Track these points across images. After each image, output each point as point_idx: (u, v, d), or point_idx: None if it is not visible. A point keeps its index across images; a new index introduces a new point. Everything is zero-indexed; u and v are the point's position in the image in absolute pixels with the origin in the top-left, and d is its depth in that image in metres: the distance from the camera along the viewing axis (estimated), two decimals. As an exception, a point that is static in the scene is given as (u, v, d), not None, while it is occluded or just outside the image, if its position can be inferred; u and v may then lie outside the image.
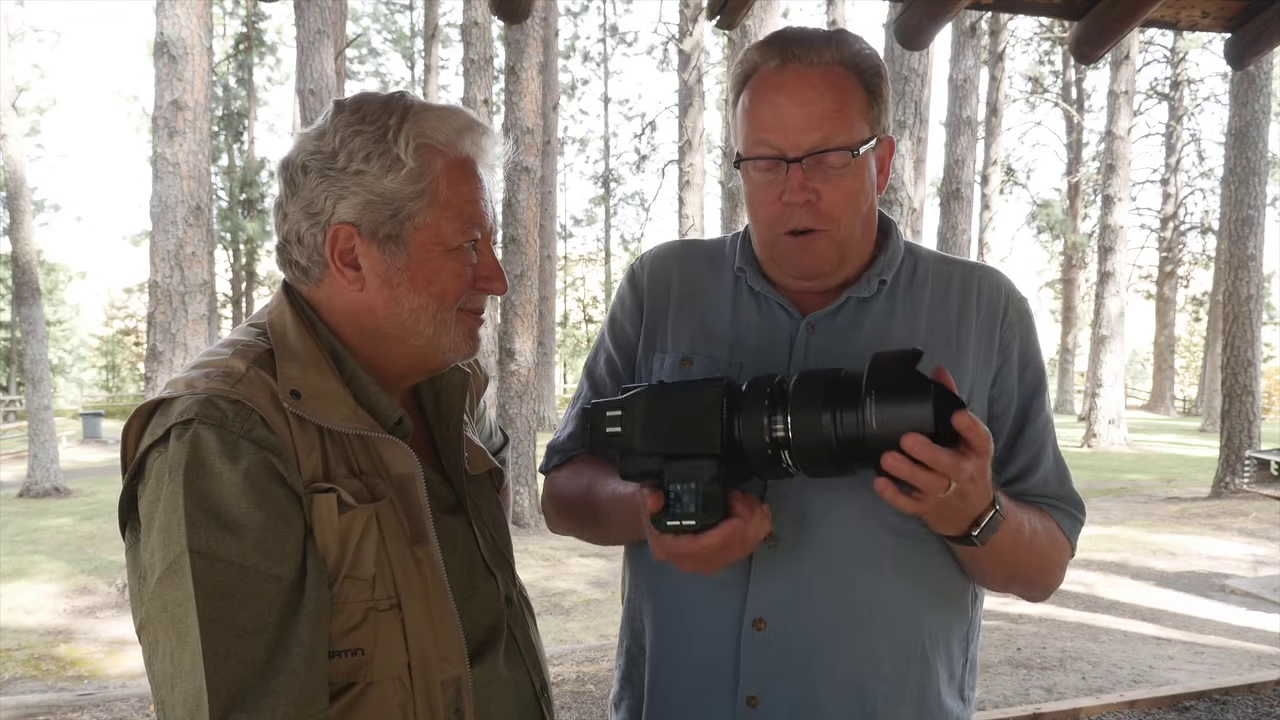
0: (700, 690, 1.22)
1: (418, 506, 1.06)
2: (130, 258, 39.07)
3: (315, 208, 1.07)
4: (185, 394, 0.99)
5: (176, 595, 0.92)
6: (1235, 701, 4.36)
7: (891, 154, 1.25)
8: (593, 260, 43.09)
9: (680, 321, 1.33)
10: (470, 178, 1.11)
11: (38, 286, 13.12)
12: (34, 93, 31.96)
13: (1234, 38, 2.85)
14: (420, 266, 1.08)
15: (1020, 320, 1.26)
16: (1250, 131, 12.54)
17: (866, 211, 1.22)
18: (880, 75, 1.20)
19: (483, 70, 11.79)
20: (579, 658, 5.34)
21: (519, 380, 10.14)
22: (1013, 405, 1.24)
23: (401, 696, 1.01)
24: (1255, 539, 9.24)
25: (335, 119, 1.08)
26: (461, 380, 1.22)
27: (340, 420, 1.03)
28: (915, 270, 1.28)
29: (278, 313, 1.10)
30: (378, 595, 1.01)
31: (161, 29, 8.11)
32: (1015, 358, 1.24)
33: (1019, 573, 1.22)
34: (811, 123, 1.15)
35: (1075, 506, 1.26)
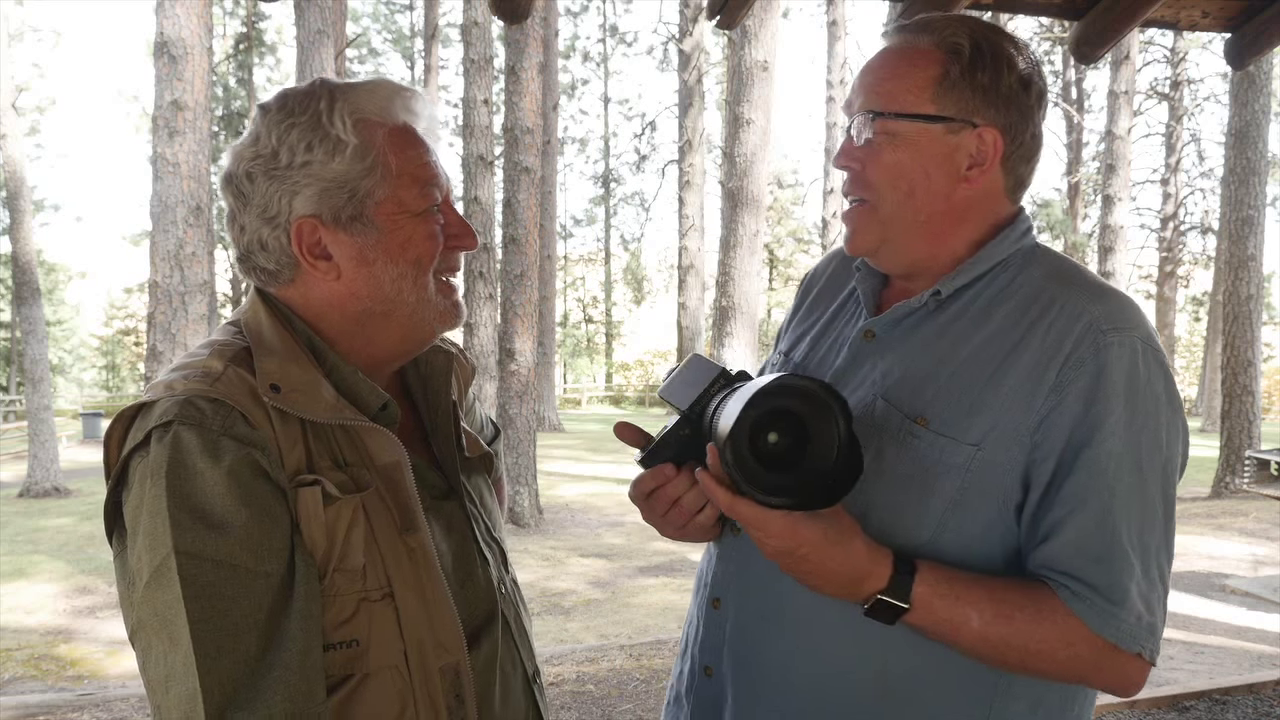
0: (680, 660, 1.31)
1: (406, 494, 1.05)
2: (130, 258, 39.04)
3: (271, 211, 1.06)
4: (165, 396, 0.99)
5: (165, 598, 0.91)
6: (1235, 701, 4.35)
7: (994, 151, 1.12)
8: (593, 260, 43.07)
9: (801, 321, 1.36)
10: (414, 142, 1.10)
11: (38, 286, 13.11)
12: (34, 92, 31.96)
13: (1234, 38, 2.85)
14: (391, 237, 1.07)
15: (1096, 361, 1.03)
16: (1250, 131, 12.54)
17: (915, 192, 1.12)
18: (970, 57, 1.10)
19: (483, 70, 11.78)
20: (579, 658, 5.34)
21: (519, 380, 10.13)
22: (1054, 454, 1.04)
23: (400, 685, 1.01)
24: (1255, 539, 9.24)
25: (264, 120, 1.07)
26: (445, 362, 1.22)
27: (322, 412, 1.02)
28: (1007, 286, 1.13)
29: (252, 312, 1.10)
30: (369, 586, 1.00)
31: (161, 29, 8.11)
32: (1072, 401, 1.03)
33: (989, 662, 1.05)
34: (866, 86, 1.15)
35: (1110, 597, 1.01)
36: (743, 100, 10.16)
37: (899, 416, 1.11)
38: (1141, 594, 1.03)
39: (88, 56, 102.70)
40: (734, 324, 10.22)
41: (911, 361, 1.14)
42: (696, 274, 23.26)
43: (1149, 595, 1.03)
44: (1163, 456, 1.05)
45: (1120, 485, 1.03)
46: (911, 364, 1.13)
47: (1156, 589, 1.04)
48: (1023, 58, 1.13)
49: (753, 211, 10.25)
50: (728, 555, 1.22)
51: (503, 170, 10.74)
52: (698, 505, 1.12)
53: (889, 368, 1.15)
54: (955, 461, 1.06)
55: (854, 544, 1.01)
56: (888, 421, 1.11)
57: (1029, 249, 1.16)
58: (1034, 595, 1.03)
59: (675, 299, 25.75)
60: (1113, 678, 1.05)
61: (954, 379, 1.09)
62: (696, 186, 23.25)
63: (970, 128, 1.11)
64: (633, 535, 9.78)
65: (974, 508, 1.06)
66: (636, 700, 4.61)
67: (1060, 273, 1.13)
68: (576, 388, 38.71)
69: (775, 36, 10.27)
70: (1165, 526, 1.06)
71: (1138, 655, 1.03)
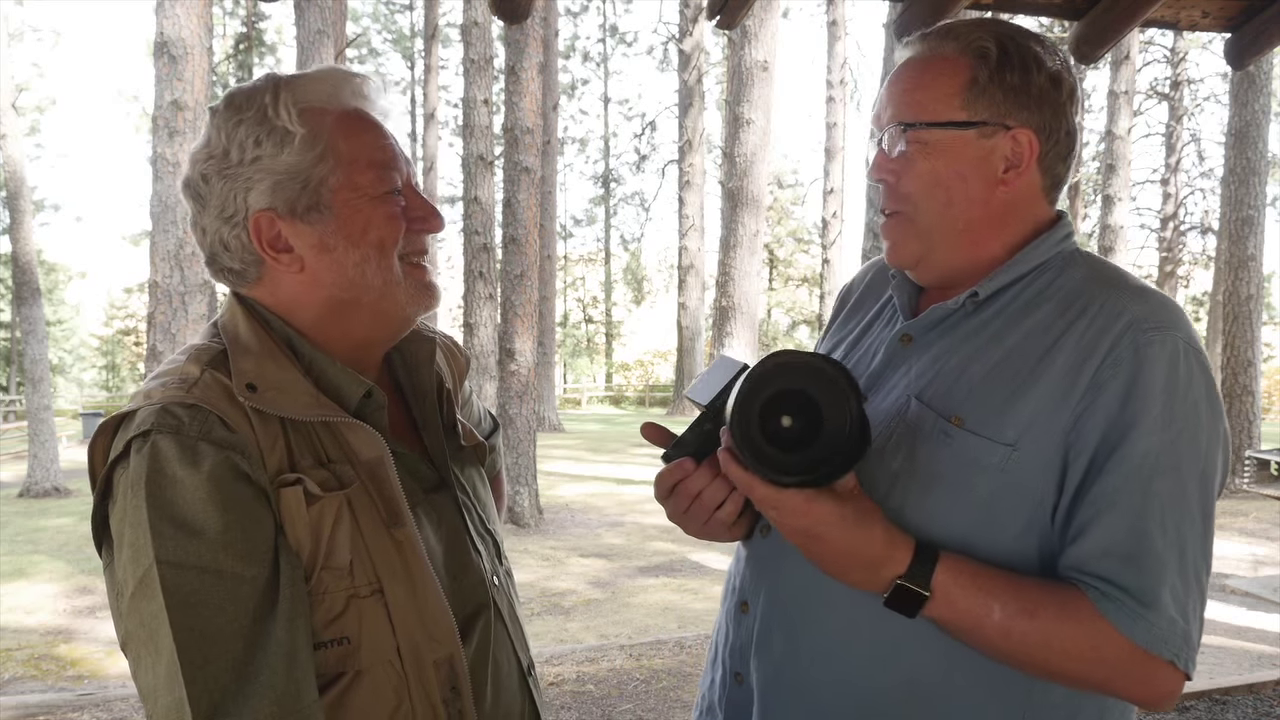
0: (711, 669, 1.30)
1: (390, 488, 1.04)
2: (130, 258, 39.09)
3: (229, 210, 1.06)
4: (144, 405, 0.99)
5: (150, 608, 0.92)
6: (1235, 701, 4.36)
7: (1030, 152, 1.10)
8: (593, 260, 43.06)
9: (839, 329, 1.36)
10: (367, 126, 1.09)
11: (38, 286, 13.11)
12: (34, 92, 31.95)
13: (1234, 38, 2.85)
14: (350, 222, 1.06)
15: (1135, 360, 1.01)
16: (1250, 131, 12.53)
17: (953, 199, 1.11)
18: (998, 60, 1.09)
19: (483, 70, 11.79)
20: (579, 658, 5.34)
21: (519, 380, 10.13)
22: (1087, 453, 1.02)
23: (395, 681, 1.01)
24: (1255, 539, 9.23)
25: (214, 122, 1.07)
26: (429, 351, 1.21)
27: (301, 410, 1.02)
28: (1046, 289, 1.11)
29: (230, 314, 1.11)
30: (358, 582, 1.00)
31: (161, 29, 8.11)
32: (1108, 399, 1.01)
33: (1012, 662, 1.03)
34: (892, 98, 1.15)
35: (1141, 600, 0.98)
36: (743, 100, 10.17)
37: (933, 416, 1.09)
38: (1176, 598, 0.99)
39: (88, 56, 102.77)
40: (734, 324, 10.22)
41: (946, 361, 1.13)
42: (696, 274, 23.26)
43: (1184, 601, 1.00)
44: (1201, 460, 1.02)
45: (1155, 486, 1.00)
46: (946, 364, 1.12)
47: (1193, 595, 1.00)
48: (1051, 55, 1.12)
49: (753, 211, 10.25)
50: (756, 558, 1.21)
51: (503, 170, 10.74)
52: (718, 499, 1.11)
53: (924, 369, 1.14)
54: (990, 461, 1.04)
55: (873, 527, 1.00)
56: (921, 421, 1.10)
57: (1069, 252, 1.15)
58: (1060, 593, 1.01)
59: (675, 299, 25.75)
60: (1141, 685, 1.01)
61: (990, 377, 1.08)
62: (696, 186, 23.25)
63: (1003, 130, 1.10)
64: (633, 535, 9.78)
65: (1009, 509, 1.05)
66: (636, 700, 4.61)
67: (1101, 274, 1.12)
68: (576, 388, 38.71)
69: (775, 36, 10.27)
70: (1203, 533, 1.02)
71: (1170, 663, 0.99)
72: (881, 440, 1.11)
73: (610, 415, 30.57)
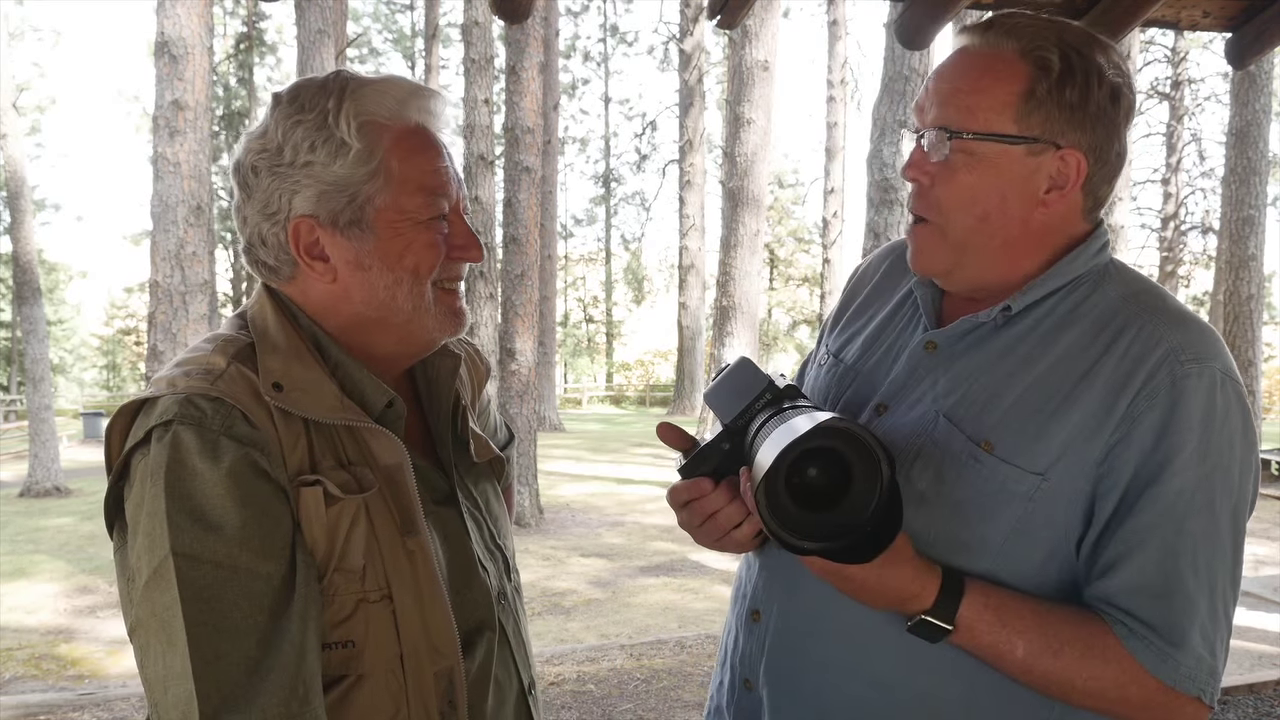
0: (720, 670, 1.29)
1: (407, 496, 1.04)
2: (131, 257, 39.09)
3: (272, 207, 1.05)
4: (166, 393, 0.98)
5: (164, 599, 0.91)
6: (1235, 701, 4.36)
7: (1079, 174, 1.05)
8: (593, 260, 43.06)
9: (852, 319, 1.31)
10: (424, 147, 1.07)
11: (38, 286, 13.12)
12: (34, 92, 31.97)
13: (1235, 37, 2.85)
14: (389, 244, 1.05)
15: (1172, 393, 0.99)
16: (1251, 131, 12.53)
17: (989, 217, 1.06)
18: (1059, 73, 1.03)
19: (483, 70, 11.78)
20: (579, 658, 5.34)
21: (519, 380, 10.14)
22: (1119, 487, 1.00)
23: (394, 688, 1.00)
24: (1255, 539, 9.23)
25: (275, 113, 1.05)
26: (452, 366, 1.20)
27: (325, 412, 1.01)
28: (1080, 305, 1.08)
29: (259, 306, 1.09)
30: (368, 587, 1.00)
31: (162, 29, 8.11)
32: (1143, 433, 0.99)
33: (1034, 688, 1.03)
34: (939, 98, 1.07)
35: (1169, 639, 0.97)
36: (743, 100, 10.17)
37: (962, 439, 1.05)
38: (1204, 635, 0.99)
39: (88, 56, 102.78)
40: (734, 323, 10.23)
41: (976, 380, 1.08)
42: (697, 274, 23.27)
43: (1213, 637, 0.99)
44: (1234, 496, 1.01)
45: (1189, 525, 0.98)
46: (976, 382, 1.08)
47: (1220, 630, 1.00)
48: (1113, 67, 1.06)
49: (753, 211, 10.26)
50: (769, 567, 1.19)
51: (503, 170, 10.74)
52: (735, 521, 1.08)
53: (952, 384, 1.10)
54: (1019, 490, 1.02)
55: (903, 565, 0.98)
56: (950, 442, 1.06)
57: (1103, 266, 1.11)
58: (1086, 629, 1.00)
59: (676, 299, 25.75)
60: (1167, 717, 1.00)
61: (1022, 402, 1.04)
62: (697, 186, 23.26)
63: (1053, 149, 1.04)
64: (633, 535, 9.78)
65: (1034, 539, 1.03)
66: (637, 700, 4.61)
67: (1137, 295, 1.08)
68: (577, 387, 38.70)
69: (775, 36, 10.27)
70: (1234, 566, 1.02)
71: (1196, 698, 0.99)
72: (908, 456, 1.08)
73: (611, 415, 30.56)
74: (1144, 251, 32.23)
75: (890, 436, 1.10)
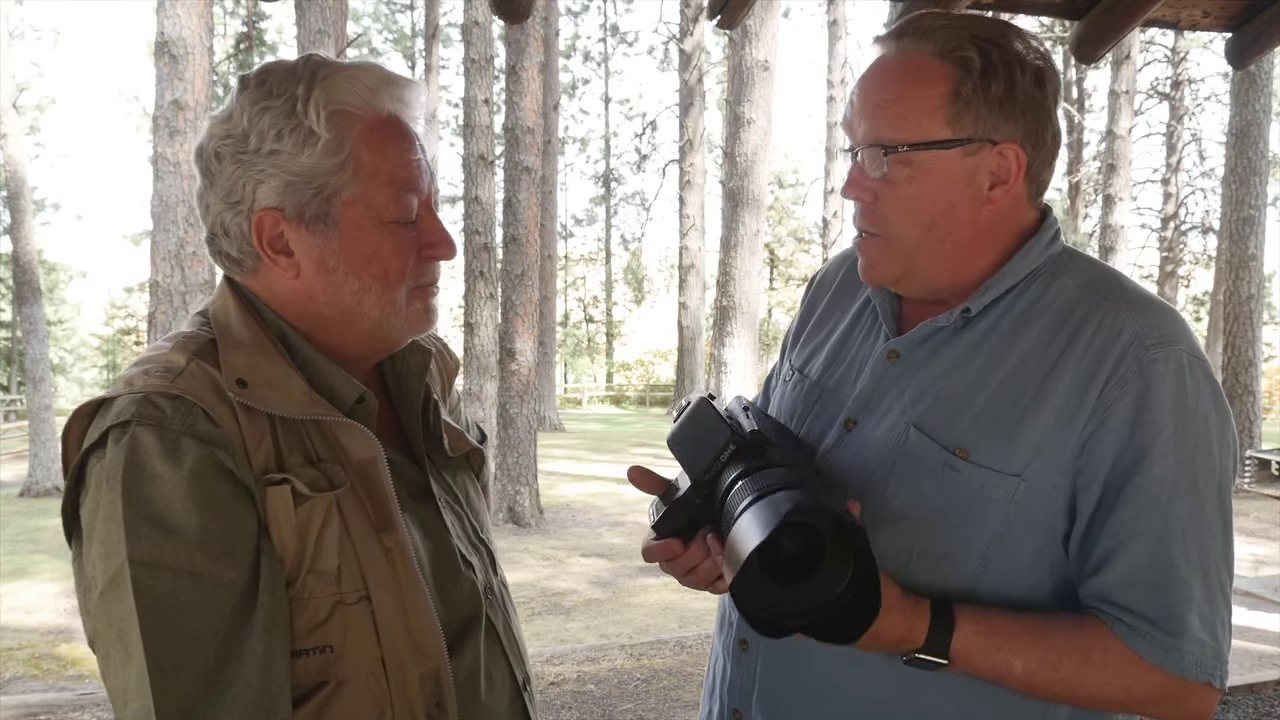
0: (708, 699, 1.27)
1: (382, 492, 0.99)
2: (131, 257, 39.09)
3: (235, 196, 1.00)
4: (124, 393, 0.94)
5: (120, 609, 0.87)
6: (1235, 701, 4.36)
7: (1019, 166, 1.04)
8: (593, 260, 43.04)
9: (813, 332, 1.29)
10: (396, 138, 1.02)
11: (38, 286, 13.11)
12: (33, 91, 31.97)
13: (1235, 37, 2.85)
14: (355, 246, 1.01)
15: (1141, 379, 0.98)
16: (1251, 131, 12.53)
17: (937, 224, 1.05)
18: (980, 70, 1.01)
19: (483, 70, 11.78)
20: (579, 658, 5.34)
21: (519, 380, 10.13)
22: (1099, 481, 0.99)
23: (377, 693, 0.96)
24: (1255, 539, 9.23)
25: (241, 97, 1.01)
26: (423, 362, 1.16)
27: (293, 407, 0.97)
28: (1039, 299, 1.07)
29: (220, 302, 1.06)
30: (344, 588, 0.95)
31: (162, 29, 8.11)
32: (1116, 423, 0.98)
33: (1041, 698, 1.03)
34: (866, 113, 1.05)
35: (1168, 629, 0.97)
36: (743, 100, 10.16)
37: (935, 448, 1.04)
38: (1204, 620, 0.98)
39: (88, 56, 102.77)
40: (734, 324, 10.22)
41: (943, 386, 1.07)
42: (697, 274, 23.26)
43: (1212, 619, 0.99)
44: (1217, 474, 1.00)
45: (1175, 510, 0.98)
46: (943, 389, 1.07)
47: (1220, 611, 1.00)
48: (1032, 52, 1.05)
49: (753, 211, 10.25)
50: None
51: (503, 170, 10.74)
52: (714, 574, 1.04)
53: (919, 393, 1.08)
54: (998, 494, 1.01)
55: (890, 616, 0.97)
56: (923, 454, 1.05)
57: (1057, 255, 1.10)
58: (1083, 637, 0.99)
59: (676, 299, 25.74)
60: (1177, 710, 1.00)
61: (991, 405, 1.03)
62: (697, 186, 23.24)
63: (989, 145, 1.03)
64: (633, 535, 9.78)
65: (1019, 540, 1.02)
66: (637, 700, 4.61)
67: (1094, 282, 1.07)
68: (577, 387, 38.69)
69: (776, 36, 10.27)
70: (1225, 544, 1.01)
71: (1205, 684, 0.98)
72: (882, 474, 1.06)
73: (611, 415, 30.55)
74: (1144, 251, 32.23)
75: (862, 454, 1.09)
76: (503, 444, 10.17)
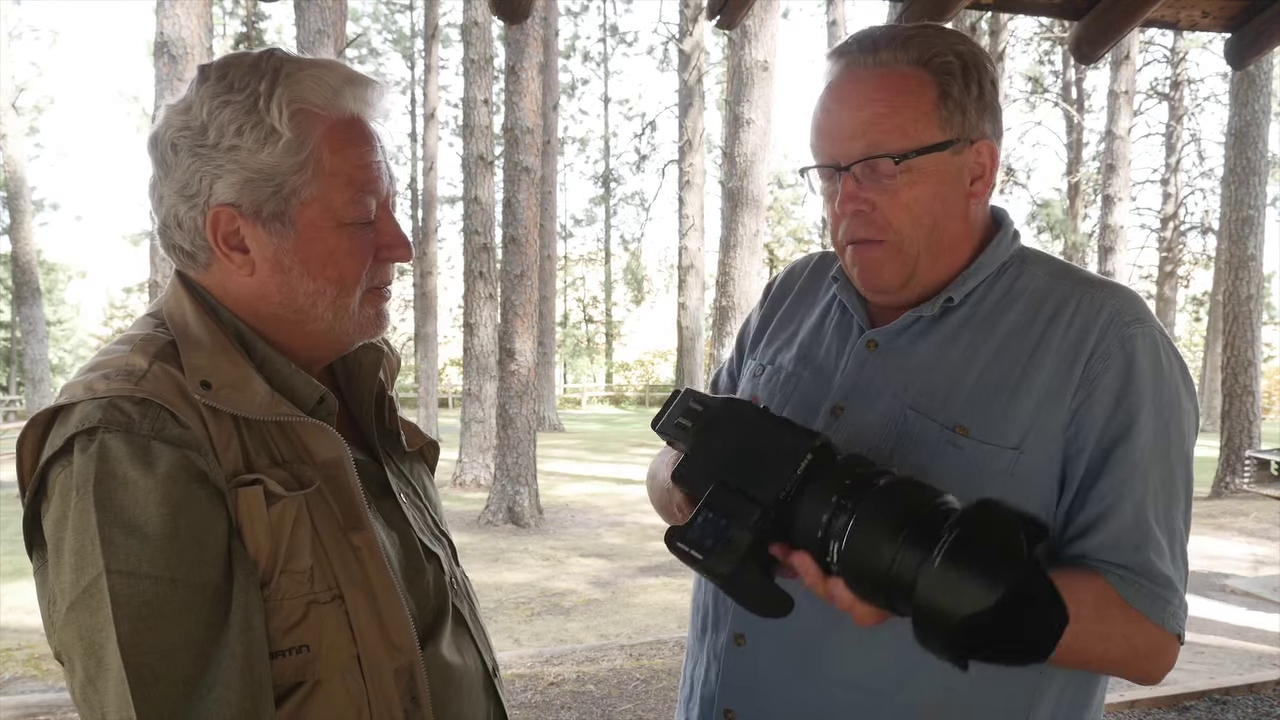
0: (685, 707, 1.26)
1: (348, 491, 0.99)
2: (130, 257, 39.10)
3: (190, 189, 0.98)
4: (85, 399, 0.91)
5: (94, 621, 0.85)
6: (1235, 701, 4.36)
7: (993, 160, 1.13)
8: (593, 260, 43.05)
9: (778, 329, 1.32)
10: (357, 139, 1.01)
11: (38, 286, 13.13)
12: (32, 92, 31.97)
13: (1234, 38, 2.85)
14: (311, 246, 1.00)
15: (1123, 353, 1.06)
16: (1250, 131, 12.53)
17: (937, 223, 1.11)
18: (960, 74, 1.09)
19: (483, 70, 11.80)
20: (579, 658, 5.34)
21: (519, 380, 10.13)
22: (1088, 449, 1.05)
23: (354, 690, 0.96)
24: (1255, 539, 9.23)
25: (201, 89, 0.98)
26: (375, 359, 1.15)
27: (258, 408, 0.96)
28: (1012, 287, 1.14)
29: (174, 301, 1.04)
30: (317, 588, 0.95)
31: (161, 29, 8.11)
32: (1102, 394, 1.05)
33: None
34: (859, 128, 1.09)
35: (1155, 582, 1.03)
36: (743, 100, 10.17)
37: (936, 427, 1.08)
38: (1179, 575, 1.06)
39: (87, 56, 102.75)
40: (734, 324, 10.22)
41: (932, 369, 1.12)
42: (696, 274, 23.26)
43: (1176, 578, 1.06)
44: (1185, 444, 1.09)
45: (1152, 477, 1.05)
46: (932, 372, 1.11)
47: (1180, 569, 1.07)
48: (982, 53, 1.13)
49: (753, 211, 10.25)
50: None
51: (503, 170, 10.74)
52: None
53: (908, 378, 1.12)
54: (998, 467, 1.05)
55: None
56: (924, 433, 1.08)
57: (1020, 250, 1.19)
58: (1090, 588, 1.03)
59: (675, 299, 25.73)
60: (1158, 663, 1.07)
61: (983, 383, 1.09)
62: (696, 186, 23.25)
63: (969, 145, 1.11)
64: (633, 535, 9.78)
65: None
66: (636, 700, 4.61)
67: (1063, 270, 1.16)
68: (576, 388, 38.70)
69: (775, 36, 10.27)
70: (1186, 509, 1.09)
71: (1176, 636, 1.06)
72: (883, 455, 1.08)
73: (610, 415, 30.56)
74: (1144, 251, 32.25)
75: (860, 437, 1.11)
76: (502, 444, 10.17)
